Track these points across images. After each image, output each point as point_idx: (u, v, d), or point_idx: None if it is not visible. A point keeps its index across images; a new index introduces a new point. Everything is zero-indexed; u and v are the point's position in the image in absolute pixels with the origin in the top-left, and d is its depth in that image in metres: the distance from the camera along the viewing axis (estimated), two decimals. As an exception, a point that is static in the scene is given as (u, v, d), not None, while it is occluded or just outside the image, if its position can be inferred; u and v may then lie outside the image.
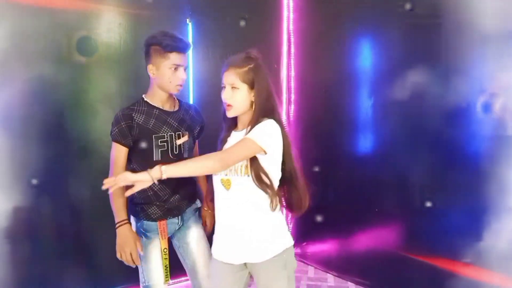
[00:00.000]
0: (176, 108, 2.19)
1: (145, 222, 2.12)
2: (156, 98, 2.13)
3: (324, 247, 3.95)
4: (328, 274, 3.73)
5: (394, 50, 3.28)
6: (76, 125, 3.05)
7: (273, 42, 4.04)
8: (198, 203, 2.30)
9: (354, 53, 3.57)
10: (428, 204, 3.04)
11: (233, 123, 2.01)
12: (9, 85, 2.80)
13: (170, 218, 2.14)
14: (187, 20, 3.50)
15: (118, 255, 2.06)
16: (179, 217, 2.18)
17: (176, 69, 2.06)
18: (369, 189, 3.44)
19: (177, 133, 2.12)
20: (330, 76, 3.78)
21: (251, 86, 1.89)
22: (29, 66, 2.87)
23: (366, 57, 3.50)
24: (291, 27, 4.08)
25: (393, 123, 3.32)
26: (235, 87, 1.88)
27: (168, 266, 2.13)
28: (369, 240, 3.51)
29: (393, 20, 3.24)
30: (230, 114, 1.92)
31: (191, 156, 2.19)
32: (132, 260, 2.04)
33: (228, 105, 1.91)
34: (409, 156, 3.17)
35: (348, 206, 3.65)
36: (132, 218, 2.17)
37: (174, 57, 2.05)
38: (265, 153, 1.85)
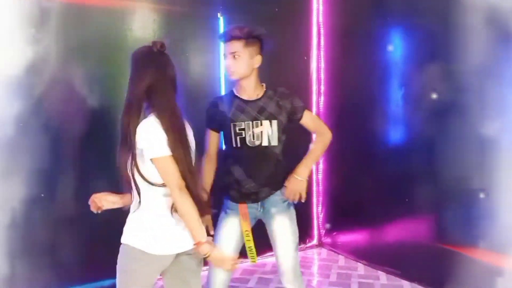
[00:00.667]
0: (259, 97, 2.26)
1: (228, 201, 2.30)
2: (237, 87, 2.28)
3: (354, 236, 3.99)
4: (358, 263, 3.78)
5: (424, 41, 3.28)
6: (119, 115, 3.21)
7: (303, 34, 4.08)
8: (282, 192, 2.29)
9: (384, 44, 3.57)
10: (460, 194, 3.04)
11: None
12: (61, 82, 3.01)
13: (249, 202, 2.25)
14: (219, 14, 3.58)
15: None
16: (258, 203, 2.26)
17: (225, 57, 2.23)
18: (400, 180, 3.45)
19: (254, 121, 2.21)
20: (359, 67, 3.79)
21: None
22: (74, 62, 3.05)
23: (396, 48, 3.51)
24: (320, 19, 4.11)
25: (423, 114, 3.32)
26: None
27: (252, 247, 2.23)
28: (399, 230, 3.53)
29: (423, 11, 3.22)
30: None
31: (279, 145, 2.25)
32: None
33: None
34: (440, 147, 3.17)
35: (379, 196, 3.67)
36: None
37: (223, 47, 2.24)
38: None
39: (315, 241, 4.24)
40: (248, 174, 2.24)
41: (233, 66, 2.18)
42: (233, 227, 2.28)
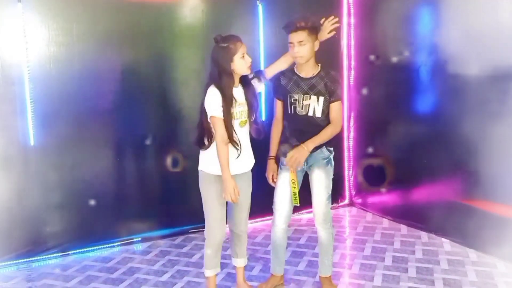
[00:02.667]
0: (313, 75, 2.76)
1: (282, 157, 2.84)
2: (297, 66, 2.81)
3: (381, 196, 4.47)
4: (384, 219, 4.29)
5: (447, 20, 3.66)
6: (173, 94, 3.88)
7: (334, 14, 4.48)
8: (324, 152, 2.80)
9: (412, 21, 3.96)
10: (475, 156, 3.45)
11: None
12: (121, 64, 3.71)
13: None
14: (258, 2, 4.10)
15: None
16: None
17: (291, 45, 2.72)
18: (420, 143, 3.89)
19: (305, 95, 2.76)
20: (387, 43, 4.22)
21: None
22: (134, 49, 3.72)
23: (423, 25, 3.88)
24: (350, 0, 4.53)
25: (443, 85, 3.72)
26: None
27: (296, 193, 2.77)
28: (419, 188, 4.01)
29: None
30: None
31: (322, 116, 2.76)
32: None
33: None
34: (456, 114, 3.58)
35: (401, 159, 4.15)
36: None
37: (289, 36, 2.73)
38: None
39: (346, 201, 4.77)
40: (296, 135, 2.79)
41: (301, 52, 2.67)
42: (287, 178, 2.84)
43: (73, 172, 3.56)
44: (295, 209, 3.01)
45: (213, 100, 2.57)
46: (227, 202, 2.71)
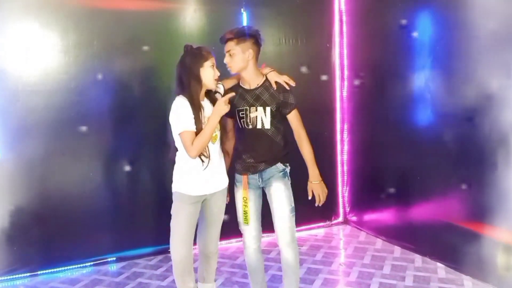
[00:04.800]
0: (257, 86, 2.62)
1: (236, 174, 2.70)
2: (241, 78, 2.67)
3: (376, 215, 4.20)
4: (378, 239, 4.00)
5: (443, 26, 3.40)
6: (153, 107, 3.71)
7: (325, 22, 4.30)
8: (279, 167, 2.62)
9: (407, 29, 3.69)
10: (470, 178, 3.16)
11: None
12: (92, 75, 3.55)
13: (249, 174, 2.63)
14: (242, 10, 3.91)
15: None
16: (257, 174, 2.62)
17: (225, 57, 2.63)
18: (423, 159, 3.57)
19: (251, 107, 2.60)
20: (382, 51, 3.96)
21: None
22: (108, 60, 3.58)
23: (420, 31, 3.60)
24: (342, 7, 4.30)
25: (443, 95, 3.43)
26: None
27: (247, 212, 2.62)
28: (414, 208, 3.71)
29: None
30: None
31: (272, 128, 2.60)
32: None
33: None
34: (457, 131, 3.29)
35: (397, 176, 3.87)
36: None
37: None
38: None
39: (340, 219, 4.50)
40: (247, 150, 2.64)
41: (230, 62, 2.58)
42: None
43: (42, 187, 3.40)
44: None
45: (182, 113, 2.40)
46: (197, 222, 2.57)
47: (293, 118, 2.64)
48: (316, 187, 2.63)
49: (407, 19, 3.70)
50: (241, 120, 2.63)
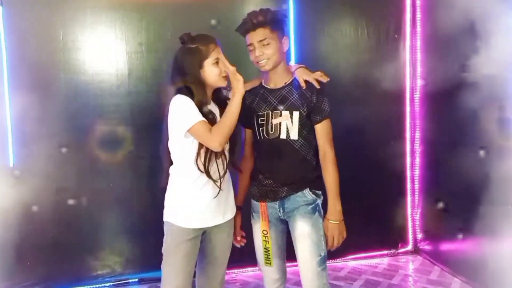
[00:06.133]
0: (285, 84, 2.03)
1: (252, 200, 2.13)
2: (265, 76, 2.08)
3: (455, 245, 3.33)
4: (455, 279, 3.15)
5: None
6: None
7: (393, 8, 3.53)
8: (307, 195, 1.99)
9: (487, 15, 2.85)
10: None
11: None
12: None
13: (268, 201, 2.04)
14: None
15: None
16: (277, 202, 2.03)
17: (251, 47, 2.02)
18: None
19: (274, 111, 2.01)
20: (463, 40, 3.11)
21: None
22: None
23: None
24: (415, -12, 3.51)
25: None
26: None
27: (269, 249, 2.04)
28: (508, 242, 2.82)
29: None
30: None
31: (300, 140, 1.99)
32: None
33: None
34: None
35: (491, 197, 2.98)
36: None
37: (247, 38, 2.04)
38: None
39: (409, 247, 3.68)
40: (265, 168, 2.04)
41: (265, 54, 1.96)
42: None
43: (57, 198, 3.09)
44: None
45: (185, 108, 1.86)
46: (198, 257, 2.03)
47: (322, 130, 1.99)
48: (333, 228, 1.96)
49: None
50: (260, 129, 2.03)
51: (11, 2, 2.96)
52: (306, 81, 1.99)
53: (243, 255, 2.31)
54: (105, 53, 3.10)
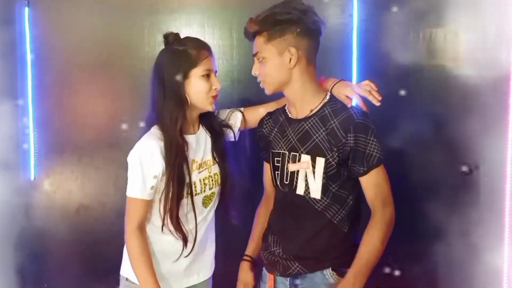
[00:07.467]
0: (310, 114, 1.48)
1: (263, 268, 1.70)
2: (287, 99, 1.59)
3: None
4: None
5: None
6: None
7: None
8: (329, 278, 1.45)
9: None
10: None
11: None
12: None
13: (277, 275, 1.58)
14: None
15: None
16: (288, 279, 1.54)
17: None
18: None
19: (292, 153, 1.49)
20: None
21: None
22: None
23: None
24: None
25: None
26: None
27: None
28: None
29: None
30: None
31: (326, 199, 1.43)
32: None
33: None
34: None
35: None
36: None
37: None
38: None
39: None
40: (277, 230, 1.54)
41: (261, 74, 1.47)
42: None
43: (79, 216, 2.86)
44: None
45: (140, 166, 1.48)
46: None
47: (370, 183, 1.38)
48: None
49: None
50: (276, 173, 1.52)
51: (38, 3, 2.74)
52: (337, 112, 1.40)
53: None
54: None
